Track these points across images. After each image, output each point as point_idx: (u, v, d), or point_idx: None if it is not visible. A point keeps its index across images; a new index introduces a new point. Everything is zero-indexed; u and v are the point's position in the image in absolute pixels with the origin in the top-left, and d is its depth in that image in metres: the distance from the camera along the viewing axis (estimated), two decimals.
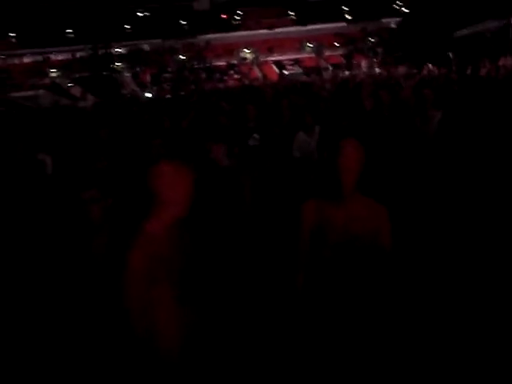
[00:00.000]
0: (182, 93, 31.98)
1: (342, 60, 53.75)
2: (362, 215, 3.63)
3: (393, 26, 55.61)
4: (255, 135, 8.17)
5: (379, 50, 52.65)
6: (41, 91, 45.35)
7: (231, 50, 57.72)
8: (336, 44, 57.92)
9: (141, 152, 6.18)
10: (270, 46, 57.51)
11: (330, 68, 50.83)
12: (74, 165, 7.42)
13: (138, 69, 54.70)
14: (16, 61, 55.55)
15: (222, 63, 56.27)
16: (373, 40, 56.81)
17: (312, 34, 58.74)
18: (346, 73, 41.31)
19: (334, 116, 9.52)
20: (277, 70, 52.27)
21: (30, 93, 45.28)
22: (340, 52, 56.54)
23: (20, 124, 14.30)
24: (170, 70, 54.74)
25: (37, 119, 17.62)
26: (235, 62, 56.80)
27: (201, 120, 9.39)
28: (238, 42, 58.45)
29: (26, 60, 55.93)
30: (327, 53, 56.69)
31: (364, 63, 49.82)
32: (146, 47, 58.02)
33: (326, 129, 8.65)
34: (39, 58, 55.82)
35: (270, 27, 60.02)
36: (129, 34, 58.90)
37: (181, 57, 57.00)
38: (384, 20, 58.15)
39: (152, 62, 55.79)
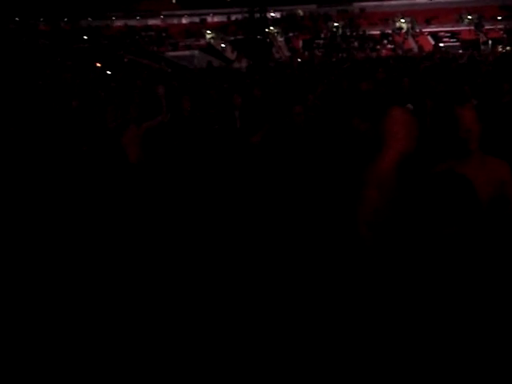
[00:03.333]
0: (334, 59, 31.96)
1: (503, 35, 51.08)
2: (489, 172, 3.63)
3: None
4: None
5: None
6: (196, 52, 47.07)
7: (386, 18, 56.59)
8: (498, 17, 54.97)
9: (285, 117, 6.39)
10: (427, 17, 55.80)
11: (490, 42, 48.71)
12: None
13: (291, 34, 55.08)
14: (175, 21, 57.71)
15: (375, 32, 55.40)
16: None
17: (473, 6, 56.05)
18: (507, 48, 39.50)
19: (492, 92, 9.25)
20: (432, 42, 50.75)
21: (185, 52, 47.19)
22: (501, 26, 53.69)
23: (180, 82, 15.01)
24: (322, 36, 54.70)
25: (191, 78, 18.36)
26: (389, 31, 55.72)
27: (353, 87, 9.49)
28: (394, 11, 57.10)
29: (184, 21, 57.99)
30: (487, 26, 54.23)
31: None
32: (301, 13, 58.16)
33: (482, 104, 8.44)
34: (196, 19, 57.69)
35: None
36: None
37: (334, 24, 56.69)
38: None
39: (305, 28, 55.95)
